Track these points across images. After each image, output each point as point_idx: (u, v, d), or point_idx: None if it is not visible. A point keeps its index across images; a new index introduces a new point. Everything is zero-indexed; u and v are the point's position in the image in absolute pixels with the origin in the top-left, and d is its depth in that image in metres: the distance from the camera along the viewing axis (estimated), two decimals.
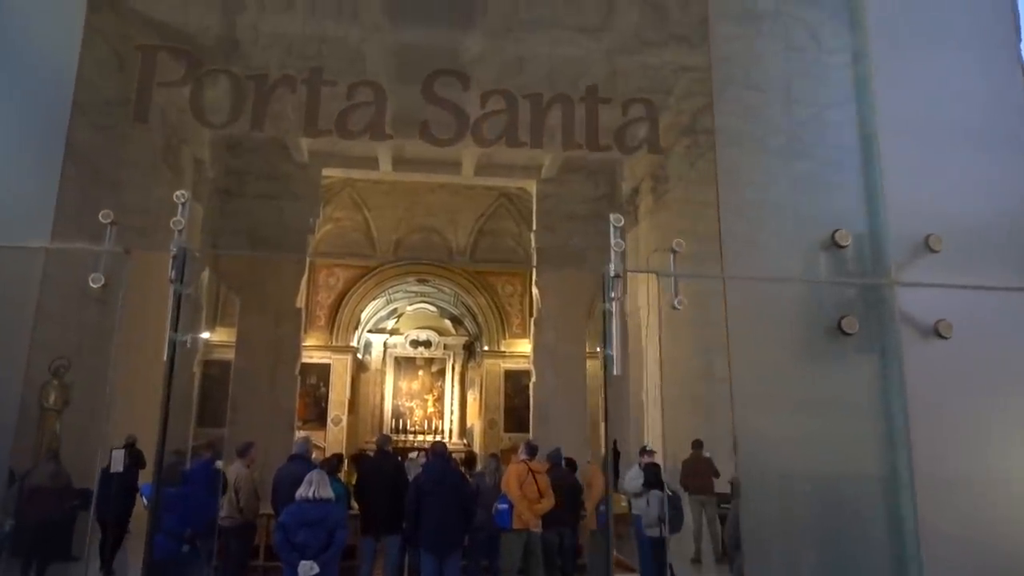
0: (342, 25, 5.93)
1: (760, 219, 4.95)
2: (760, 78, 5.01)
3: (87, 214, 4.15)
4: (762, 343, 4.72)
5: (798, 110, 5.13)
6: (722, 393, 6.20)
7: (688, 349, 10.37)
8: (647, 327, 12.32)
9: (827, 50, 5.27)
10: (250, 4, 5.62)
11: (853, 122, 5.04)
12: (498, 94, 4.06)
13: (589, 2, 5.92)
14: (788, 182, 5.04)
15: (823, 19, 5.44)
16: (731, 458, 8.49)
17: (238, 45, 5.24)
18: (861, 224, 4.92)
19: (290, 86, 3.99)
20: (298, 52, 5.36)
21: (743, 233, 4.80)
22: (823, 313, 4.71)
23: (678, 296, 4.29)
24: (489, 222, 18.52)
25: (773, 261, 4.84)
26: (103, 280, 3.85)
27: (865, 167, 5.00)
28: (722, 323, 4.75)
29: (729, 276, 4.66)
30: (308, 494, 5.56)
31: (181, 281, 3.87)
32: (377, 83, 3.92)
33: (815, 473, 4.68)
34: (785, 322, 4.76)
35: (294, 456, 6.75)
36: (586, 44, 5.77)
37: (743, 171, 4.99)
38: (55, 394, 7.60)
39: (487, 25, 5.70)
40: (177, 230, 3.97)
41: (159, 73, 3.90)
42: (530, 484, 6.83)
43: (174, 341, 3.82)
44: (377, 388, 20.86)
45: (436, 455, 6.95)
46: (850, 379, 4.71)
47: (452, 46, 5.51)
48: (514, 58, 5.46)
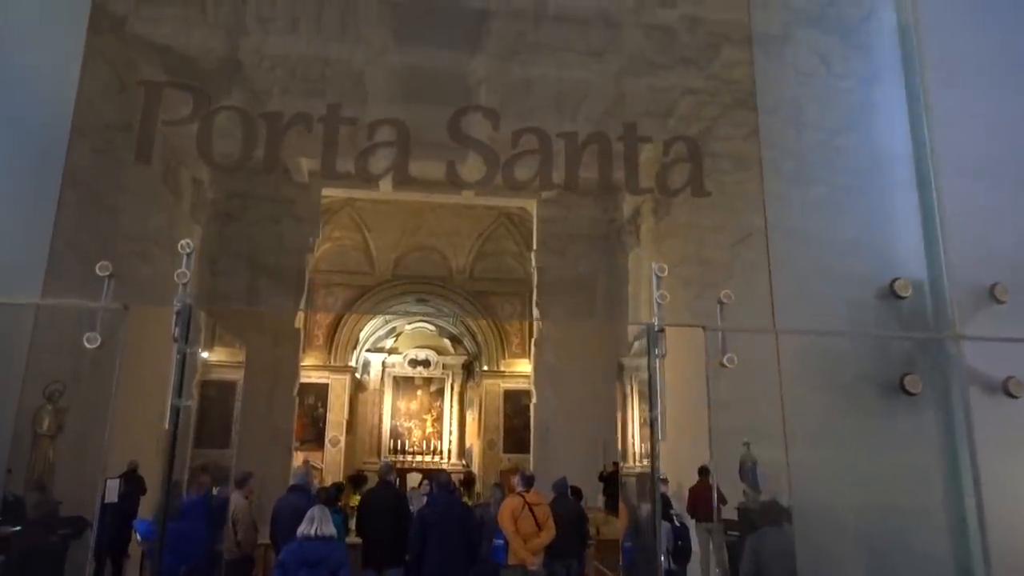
0: (346, 47, 5.86)
1: (810, 266, 4.65)
2: (797, 113, 4.77)
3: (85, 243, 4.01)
4: (814, 396, 4.39)
5: (845, 141, 4.89)
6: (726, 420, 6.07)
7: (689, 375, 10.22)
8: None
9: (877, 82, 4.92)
10: (253, 27, 5.56)
11: (908, 163, 4.69)
12: (530, 132, 3.79)
13: (596, 25, 5.86)
14: (838, 227, 4.72)
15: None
16: (737, 484, 8.37)
17: (241, 67, 5.18)
18: (919, 272, 4.57)
19: (306, 124, 3.73)
20: (302, 75, 5.28)
21: (792, 281, 4.49)
22: (881, 368, 4.35)
23: (727, 354, 3.83)
24: (489, 242, 18.44)
25: (826, 312, 4.47)
26: (99, 340, 3.51)
27: (923, 211, 4.65)
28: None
29: (782, 330, 4.32)
30: (311, 532, 5.39)
31: (186, 340, 3.54)
32: (400, 121, 3.67)
33: (875, 538, 4.32)
34: (840, 376, 4.42)
35: (294, 487, 6.58)
36: (594, 67, 5.70)
37: (790, 216, 4.73)
38: (49, 419, 7.45)
39: (493, 47, 5.64)
40: (181, 283, 3.67)
41: (164, 109, 3.65)
42: (526, 518, 6.65)
43: (178, 408, 3.49)
44: (375, 408, 20.65)
45: (440, 486, 6.79)
46: (911, 439, 4.35)
47: (458, 68, 5.44)
48: (520, 80, 5.38)
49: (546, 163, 3.56)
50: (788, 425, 4.24)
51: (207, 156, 3.57)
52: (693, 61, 5.87)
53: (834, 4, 5.35)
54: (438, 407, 20.99)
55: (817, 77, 5.44)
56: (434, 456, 20.44)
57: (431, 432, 20.81)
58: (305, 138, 3.57)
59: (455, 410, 20.97)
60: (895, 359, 4.36)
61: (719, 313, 4.02)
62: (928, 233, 4.55)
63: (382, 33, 6.08)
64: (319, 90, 5.05)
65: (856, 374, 4.39)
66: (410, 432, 20.69)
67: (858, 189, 5.07)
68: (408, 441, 20.52)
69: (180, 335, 3.55)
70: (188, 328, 3.57)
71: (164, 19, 5.18)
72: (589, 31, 5.83)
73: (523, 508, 6.67)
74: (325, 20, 5.97)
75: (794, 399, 4.30)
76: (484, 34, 5.77)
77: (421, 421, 20.90)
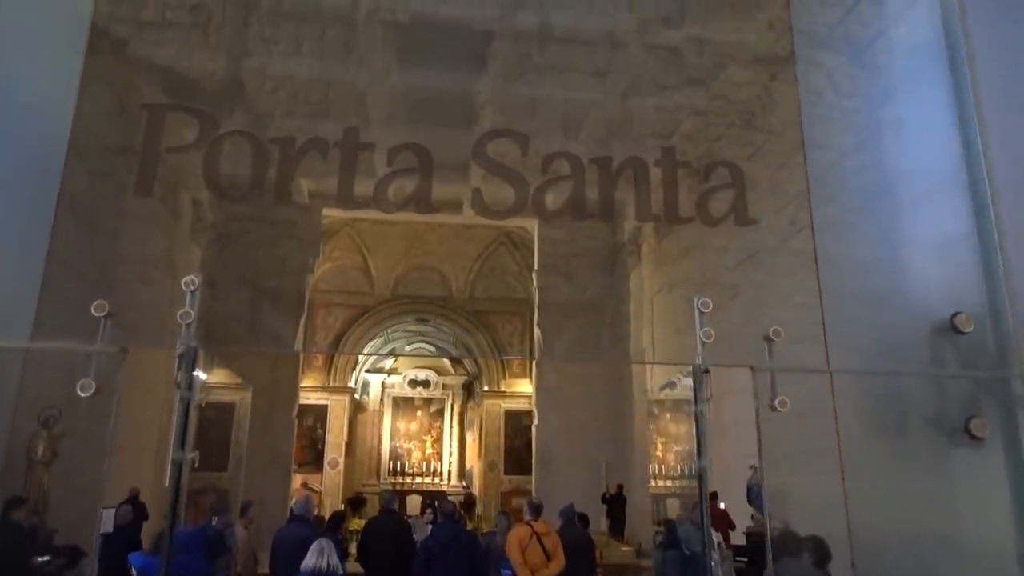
0: (350, 69, 5.81)
1: (862, 299, 4.34)
2: (806, 133, 4.57)
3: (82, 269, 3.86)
4: (869, 440, 4.12)
5: (854, 161, 4.73)
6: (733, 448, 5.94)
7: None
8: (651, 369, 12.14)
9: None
10: (257, 49, 5.51)
11: (963, 189, 4.32)
12: (561, 157, 3.57)
13: (601, 46, 5.81)
14: (892, 258, 4.43)
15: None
16: (746, 510, 8.23)
17: (243, 89, 5.11)
18: (975, 304, 4.17)
19: (320, 150, 3.51)
20: (304, 97, 5.21)
21: (845, 314, 4.19)
22: (942, 409, 4.01)
23: (778, 396, 3.43)
24: (489, 261, 18.36)
25: (881, 348, 4.16)
26: (94, 387, 3.11)
27: (981, 240, 4.26)
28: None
29: (838, 370, 4.01)
30: (321, 564, 5.22)
31: (190, 387, 3.14)
32: (422, 147, 3.46)
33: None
34: (898, 419, 4.13)
35: (294, 517, 6.43)
36: (600, 87, 5.64)
37: (839, 243, 4.51)
38: (43, 446, 7.32)
39: (498, 68, 5.60)
40: (185, 324, 3.28)
41: (167, 135, 3.41)
42: (534, 548, 6.47)
43: (180, 462, 3.05)
44: (375, 429, 20.46)
45: (445, 516, 6.63)
46: (976, 483, 4.02)
47: (463, 90, 5.37)
48: (526, 101, 5.31)
49: (580, 190, 3.34)
50: (845, 470, 3.97)
51: (214, 185, 3.31)
52: (700, 81, 5.82)
53: (842, 24, 5.30)
54: (438, 428, 20.80)
55: (825, 97, 5.38)
56: (434, 478, 20.21)
57: (431, 453, 20.60)
58: (319, 164, 3.37)
59: (455, 431, 20.78)
60: (957, 397, 4.03)
61: (768, 351, 3.62)
62: (987, 263, 4.18)
63: (386, 55, 6.04)
64: (322, 112, 4.97)
65: (916, 416, 4.12)
66: (410, 453, 20.48)
67: (869, 210, 4.97)
68: (408, 463, 20.30)
69: (183, 381, 3.15)
70: (192, 373, 3.17)
71: (166, 41, 5.13)
72: (595, 52, 5.80)
73: (531, 538, 6.49)
74: (328, 42, 5.94)
75: (848, 441, 4.03)
76: (489, 55, 5.73)
77: (421, 442, 20.70)
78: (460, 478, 20.34)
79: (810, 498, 4.54)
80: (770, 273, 5.84)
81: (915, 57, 4.99)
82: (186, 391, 3.15)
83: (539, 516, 6.80)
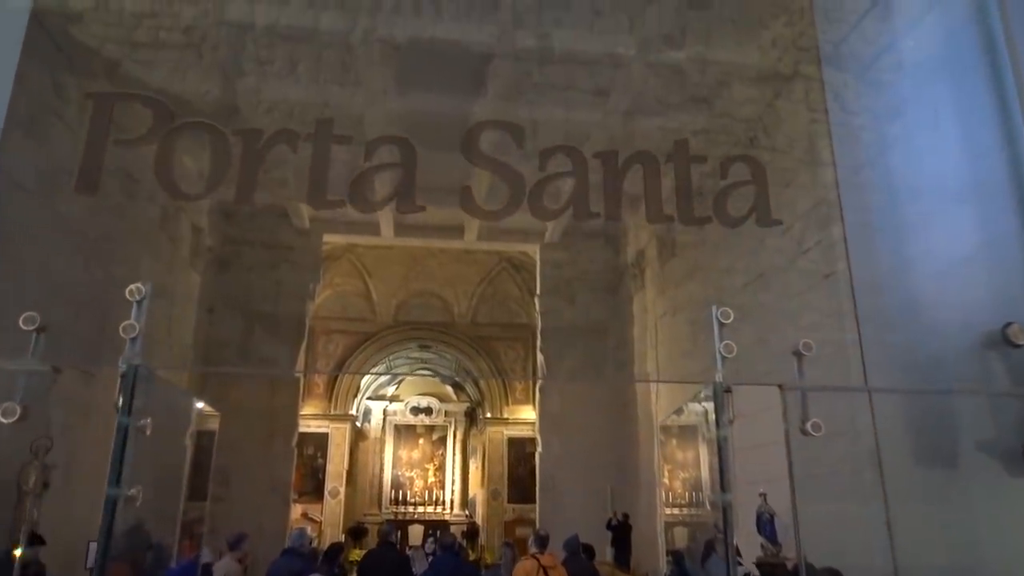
0: (347, 89, 5.73)
1: (893, 315, 4.06)
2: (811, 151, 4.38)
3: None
4: (912, 459, 3.78)
5: (862, 178, 4.55)
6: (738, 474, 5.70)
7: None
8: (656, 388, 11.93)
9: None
10: (251, 69, 5.45)
11: (1005, 192, 3.91)
12: (561, 152, 3.31)
13: (603, 65, 5.74)
14: (921, 271, 4.12)
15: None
16: (754, 539, 7.99)
17: (237, 110, 5.03)
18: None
19: (290, 144, 3.28)
20: (299, 117, 5.11)
21: (872, 331, 3.97)
22: (993, 429, 3.65)
23: (810, 420, 3.03)
24: (491, 287, 18.25)
25: (920, 365, 3.82)
26: (18, 412, 2.58)
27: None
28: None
29: (876, 389, 3.77)
30: None
31: (129, 412, 2.63)
32: (404, 138, 3.23)
33: None
34: (943, 440, 3.76)
35: (288, 550, 6.23)
36: (602, 106, 5.55)
37: (872, 252, 4.27)
38: (35, 476, 7.14)
39: (497, 88, 5.52)
40: (129, 338, 2.76)
41: (116, 128, 3.12)
42: None
43: (115, 499, 2.56)
44: (376, 457, 20.19)
45: (445, 548, 6.43)
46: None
47: (461, 110, 5.28)
48: (526, 121, 5.21)
49: (582, 188, 3.08)
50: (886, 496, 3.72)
51: (167, 182, 3.03)
52: (703, 100, 5.72)
53: (846, 41, 5.21)
54: (440, 456, 20.54)
55: (830, 114, 5.28)
56: (436, 507, 19.90)
57: (433, 482, 20.31)
58: (289, 160, 3.14)
59: (458, 459, 20.51)
60: (1010, 420, 3.63)
61: (797, 368, 3.24)
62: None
63: (383, 76, 5.99)
64: (323, 119, 4.82)
65: (965, 439, 3.76)
66: (412, 482, 20.19)
67: (877, 227, 4.82)
68: (410, 491, 20.01)
69: (123, 405, 2.66)
70: (132, 396, 2.67)
71: (158, 62, 5.06)
72: (596, 70, 5.72)
73: (538, 572, 6.29)
74: (325, 63, 5.89)
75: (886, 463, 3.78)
76: (488, 75, 5.66)
77: (423, 470, 20.42)
78: (463, 507, 20.02)
79: (830, 528, 4.33)
80: (779, 294, 5.70)
81: (908, 71, 4.88)
82: (124, 416, 2.65)
83: (545, 548, 6.60)
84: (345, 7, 6.00)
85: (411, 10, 6.02)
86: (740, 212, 3.23)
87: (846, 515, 4.27)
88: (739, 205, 3.30)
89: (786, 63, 5.61)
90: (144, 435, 2.69)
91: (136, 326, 2.82)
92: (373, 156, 3.02)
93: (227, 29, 5.59)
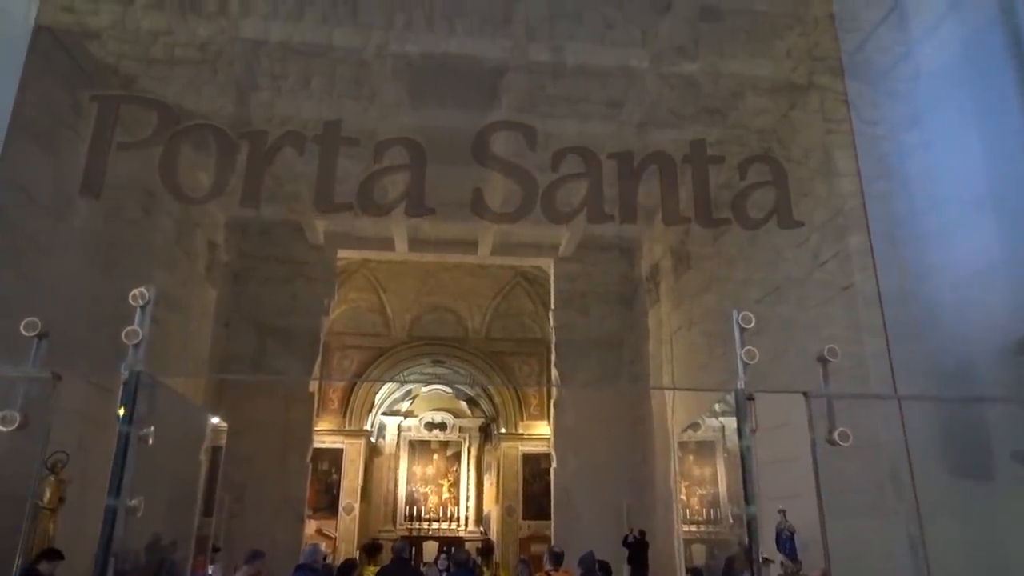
0: (360, 104, 5.75)
1: (925, 322, 3.91)
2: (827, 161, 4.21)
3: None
4: (943, 471, 3.63)
5: (880, 188, 4.43)
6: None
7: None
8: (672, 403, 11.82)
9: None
10: (265, 84, 5.48)
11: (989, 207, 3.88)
12: (575, 153, 3.23)
13: (616, 77, 5.72)
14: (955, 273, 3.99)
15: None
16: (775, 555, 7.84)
17: (251, 124, 5.05)
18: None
19: (297, 146, 3.22)
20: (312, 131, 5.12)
21: (904, 336, 3.84)
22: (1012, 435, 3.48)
23: (837, 429, 2.87)
24: (505, 301, 18.21)
25: (948, 370, 3.68)
26: (17, 419, 2.52)
27: None
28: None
29: (906, 396, 3.61)
30: None
31: (130, 420, 2.56)
32: (414, 140, 3.15)
33: None
34: (975, 450, 3.56)
35: (302, 566, 6.19)
36: (616, 118, 5.52)
37: (893, 262, 4.12)
38: (51, 491, 7.15)
39: (511, 101, 5.52)
40: (132, 343, 2.70)
41: (122, 132, 3.06)
42: None
43: (114, 508, 2.48)
44: (391, 473, 20.11)
45: (459, 565, 6.37)
46: None
47: (475, 123, 5.26)
48: (540, 134, 5.19)
49: (596, 190, 2.98)
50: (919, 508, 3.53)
51: (173, 187, 2.98)
52: (717, 111, 5.68)
53: (862, 51, 5.16)
54: (455, 472, 20.41)
55: (846, 124, 5.23)
56: (451, 523, 19.76)
57: (448, 498, 20.18)
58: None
59: (472, 474, 20.37)
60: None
61: (822, 376, 3.09)
62: None
63: (396, 89, 6.01)
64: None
65: (1000, 449, 3.57)
66: (426, 498, 20.07)
67: (896, 239, 4.74)
68: (424, 507, 19.89)
69: (125, 413, 2.58)
70: (135, 404, 2.58)
71: (174, 78, 5.11)
72: (609, 83, 5.71)
73: None
74: (339, 77, 5.92)
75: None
76: (501, 88, 5.66)
77: (437, 486, 20.31)
78: (477, 523, 19.87)
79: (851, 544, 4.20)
80: (796, 306, 5.62)
81: (927, 80, 4.77)
82: (125, 424, 2.56)
83: (560, 565, 6.53)
84: (358, 23, 6.05)
85: (424, 25, 6.05)
86: (760, 215, 3.13)
87: (868, 531, 4.15)
88: (756, 210, 3.23)
89: (801, 73, 5.58)
90: (147, 444, 2.60)
91: (139, 331, 2.74)
92: (383, 159, 2.96)
93: (242, 45, 5.64)
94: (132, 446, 2.56)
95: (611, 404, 13.65)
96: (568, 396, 13.71)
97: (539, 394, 18.80)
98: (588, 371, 13.58)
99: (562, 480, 13.47)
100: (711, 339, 9.86)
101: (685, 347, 11.25)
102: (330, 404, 18.28)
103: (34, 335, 2.69)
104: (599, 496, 12.70)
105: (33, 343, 2.68)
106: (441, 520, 19.72)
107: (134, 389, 2.60)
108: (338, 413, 18.39)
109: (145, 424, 2.63)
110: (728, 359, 4.75)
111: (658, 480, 12.10)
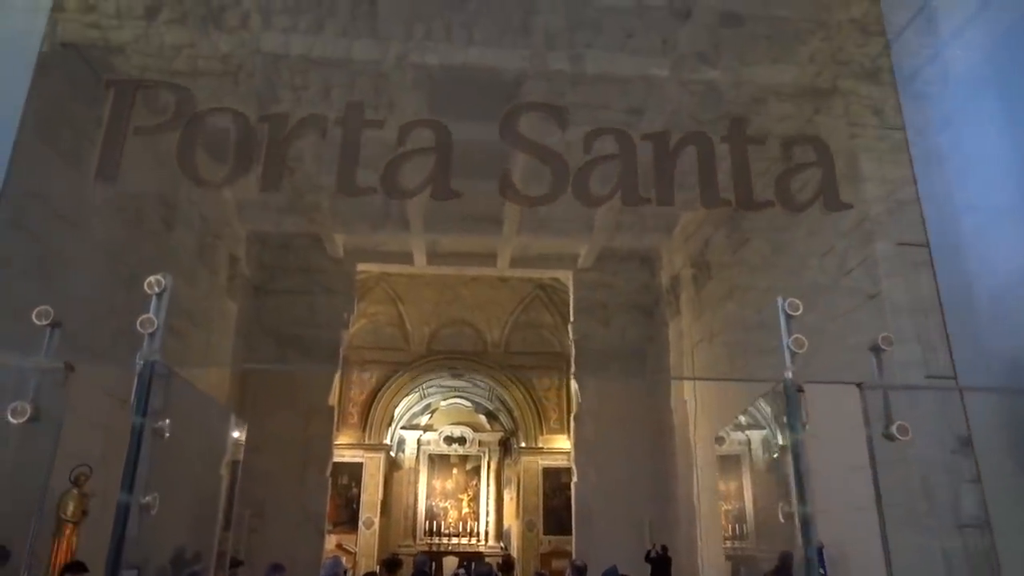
0: (380, 113, 5.76)
1: (991, 308, 3.73)
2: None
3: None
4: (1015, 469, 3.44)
5: (907, 193, 4.29)
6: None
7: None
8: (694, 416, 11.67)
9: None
10: (285, 96, 5.52)
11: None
12: (607, 134, 3.13)
13: (636, 83, 5.68)
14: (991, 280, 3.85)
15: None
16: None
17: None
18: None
19: (319, 128, 3.16)
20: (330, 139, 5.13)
21: (968, 325, 3.65)
22: None
23: (895, 423, 2.67)
24: (524, 314, 18.16)
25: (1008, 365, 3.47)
26: (28, 411, 2.42)
27: None
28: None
29: (968, 387, 3.45)
30: None
31: (144, 412, 2.44)
32: (439, 122, 3.07)
33: None
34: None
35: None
36: (636, 125, 5.47)
37: (957, 259, 3.94)
38: (73, 504, 7.16)
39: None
40: (147, 332, 2.59)
41: (137, 116, 3.02)
42: None
43: (127, 504, 2.37)
44: (411, 487, 20.03)
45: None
46: None
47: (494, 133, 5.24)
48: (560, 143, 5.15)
49: (630, 172, 2.88)
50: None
51: (190, 170, 2.92)
52: (739, 117, 5.60)
53: (887, 55, 5.08)
54: (474, 486, 20.30)
55: (871, 129, 5.14)
56: (471, 538, 19.62)
57: (468, 512, 20.06)
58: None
59: (492, 489, 20.24)
60: None
61: (876, 366, 2.88)
62: None
63: (416, 100, 6.01)
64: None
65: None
66: (446, 512, 19.97)
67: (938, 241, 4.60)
68: (444, 522, 19.78)
69: (137, 404, 2.46)
70: (149, 395, 2.46)
71: (195, 90, 5.13)
72: (629, 89, 5.66)
73: None
74: (359, 88, 5.94)
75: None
76: (521, 97, 5.63)
77: (457, 501, 20.20)
78: (498, 538, 19.72)
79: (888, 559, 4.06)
80: (823, 315, 5.52)
81: (955, 83, 4.65)
82: (139, 416, 2.42)
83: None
84: (378, 35, 6.08)
85: (443, 36, 6.07)
86: (805, 197, 2.97)
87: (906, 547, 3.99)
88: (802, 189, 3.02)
89: (825, 78, 5.51)
90: (162, 438, 2.52)
91: (155, 320, 2.64)
92: (406, 142, 2.90)
93: (262, 58, 5.69)
94: (146, 439, 2.45)
95: (632, 417, 13.50)
96: (588, 409, 13.57)
97: (559, 408, 18.67)
98: (609, 381, 13.46)
99: (583, 494, 13.31)
100: (732, 350, 9.72)
101: (706, 360, 11.11)
102: (350, 418, 18.27)
103: (46, 324, 2.59)
104: (620, 511, 12.54)
105: (45, 332, 2.59)
106: (461, 535, 19.59)
107: (148, 379, 2.50)
108: (357, 427, 18.38)
109: (160, 417, 2.52)
110: (749, 369, 4.65)
111: (681, 494, 11.93)
